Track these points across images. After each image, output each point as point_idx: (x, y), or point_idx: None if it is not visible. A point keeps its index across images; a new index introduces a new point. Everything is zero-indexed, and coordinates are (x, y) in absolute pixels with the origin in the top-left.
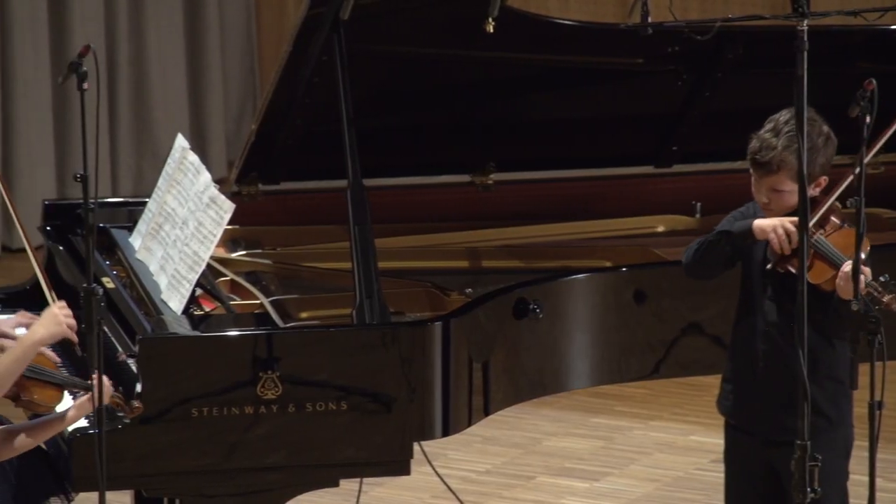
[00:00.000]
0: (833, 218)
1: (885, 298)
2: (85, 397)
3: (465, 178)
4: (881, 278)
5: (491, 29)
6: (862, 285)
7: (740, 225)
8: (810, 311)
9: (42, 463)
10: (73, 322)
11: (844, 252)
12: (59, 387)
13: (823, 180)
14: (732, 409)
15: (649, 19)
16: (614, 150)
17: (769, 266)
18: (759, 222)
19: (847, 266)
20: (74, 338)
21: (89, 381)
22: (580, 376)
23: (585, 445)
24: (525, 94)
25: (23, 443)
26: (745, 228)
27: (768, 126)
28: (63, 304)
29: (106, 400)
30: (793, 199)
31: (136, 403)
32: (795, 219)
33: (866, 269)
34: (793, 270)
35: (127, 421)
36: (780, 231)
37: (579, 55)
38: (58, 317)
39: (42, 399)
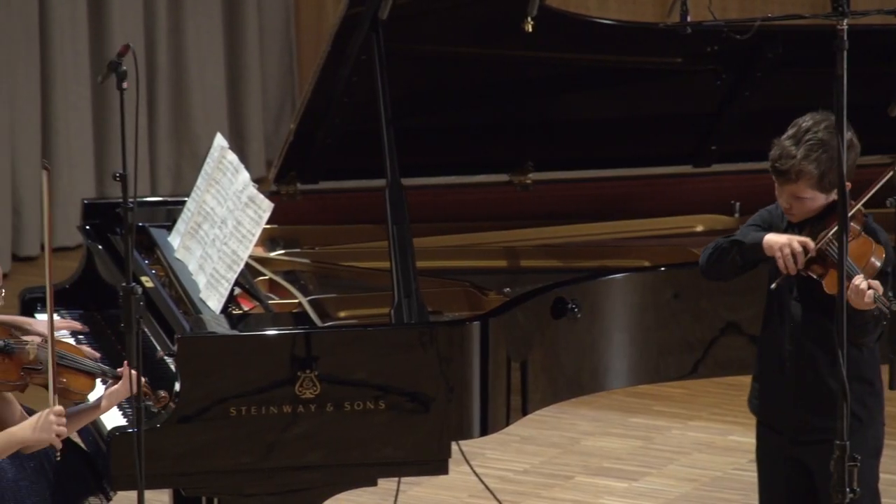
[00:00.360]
0: (853, 224)
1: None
2: (116, 385)
3: (504, 177)
4: (891, 293)
5: (530, 28)
6: (870, 300)
7: (752, 237)
8: (830, 317)
9: (81, 461)
10: (63, 431)
11: (858, 262)
12: (92, 375)
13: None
14: (761, 407)
15: (688, 18)
16: (653, 150)
17: (773, 286)
18: (768, 238)
19: (857, 279)
20: (59, 446)
21: (119, 370)
22: (618, 376)
23: (624, 445)
24: (564, 94)
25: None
26: (756, 242)
27: (790, 132)
28: (60, 409)
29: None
30: (814, 204)
31: (162, 393)
32: (805, 239)
33: (875, 283)
34: (813, 276)
35: (154, 410)
36: (787, 251)
37: (618, 54)
38: (51, 425)
39: (75, 387)
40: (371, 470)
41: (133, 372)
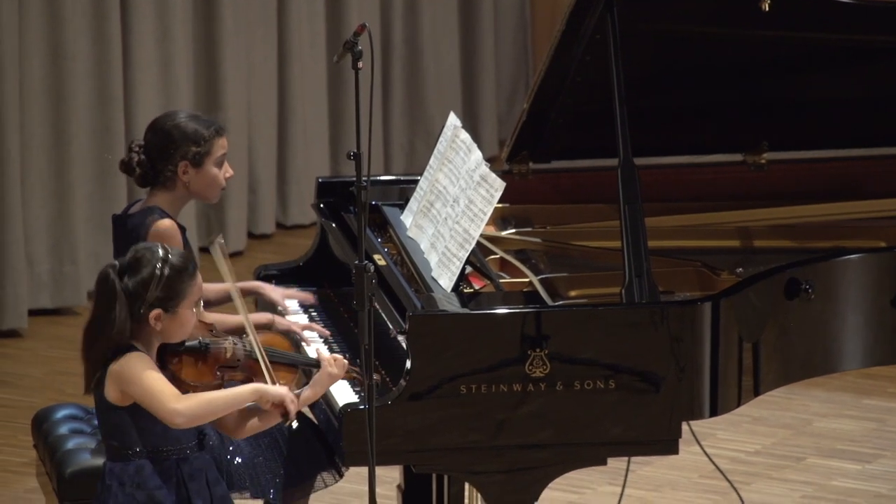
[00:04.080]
0: None
1: None
2: (318, 374)
3: (738, 157)
4: None
5: (767, 7)
6: None
7: None
8: None
9: (313, 438)
10: (293, 409)
11: None
12: (293, 367)
13: None
14: None
15: None
16: (891, 130)
17: None
18: None
19: None
20: (291, 410)
21: (317, 359)
22: (852, 357)
23: (857, 427)
24: (800, 73)
25: (254, 426)
26: None
27: None
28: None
29: (342, 374)
30: None
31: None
32: None
33: None
34: None
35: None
36: None
37: (857, 33)
38: (283, 396)
39: (279, 380)
40: (601, 449)
41: (338, 357)
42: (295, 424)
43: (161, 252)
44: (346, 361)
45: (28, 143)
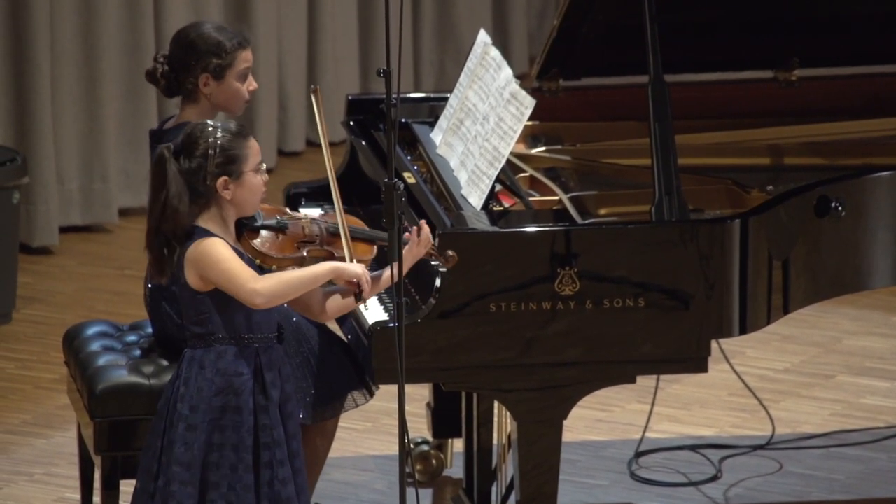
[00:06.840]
0: None
1: None
2: (408, 245)
3: (769, 74)
4: None
5: None
6: None
7: None
8: None
9: (344, 356)
10: (367, 287)
11: None
12: (371, 241)
13: None
14: None
15: None
16: None
17: None
18: None
19: None
20: (365, 288)
21: (406, 234)
22: (882, 275)
23: (886, 345)
24: None
25: (338, 303)
26: None
27: None
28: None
29: (426, 249)
30: None
31: (450, 253)
32: None
33: None
34: None
35: (443, 270)
36: None
37: None
38: (360, 274)
39: (358, 253)
40: (630, 367)
41: (425, 229)
42: (367, 307)
43: (210, 124)
44: (429, 236)
45: (59, 59)
